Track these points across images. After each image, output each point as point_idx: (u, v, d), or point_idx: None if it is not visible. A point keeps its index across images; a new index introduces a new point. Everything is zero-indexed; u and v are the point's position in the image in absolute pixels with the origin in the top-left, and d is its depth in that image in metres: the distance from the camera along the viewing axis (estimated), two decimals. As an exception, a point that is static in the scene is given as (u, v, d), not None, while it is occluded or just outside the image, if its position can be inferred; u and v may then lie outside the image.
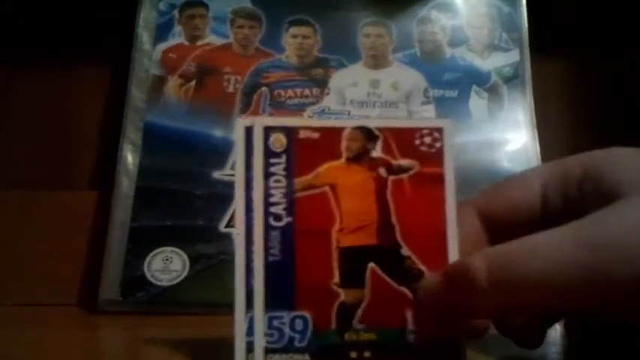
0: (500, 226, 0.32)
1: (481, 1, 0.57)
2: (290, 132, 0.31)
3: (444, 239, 0.31)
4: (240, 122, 0.31)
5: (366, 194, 0.31)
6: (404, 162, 0.31)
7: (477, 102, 0.54)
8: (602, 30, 0.57)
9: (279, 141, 0.31)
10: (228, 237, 0.48)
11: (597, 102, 0.56)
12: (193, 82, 0.54)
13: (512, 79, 0.55)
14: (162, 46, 0.55)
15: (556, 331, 0.36)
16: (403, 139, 0.32)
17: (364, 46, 0.55)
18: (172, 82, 0.54)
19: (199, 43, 0.55)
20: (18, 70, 0.56)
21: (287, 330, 0.29)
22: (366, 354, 0.30)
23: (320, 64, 0.55)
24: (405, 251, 0.31)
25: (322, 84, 0.54)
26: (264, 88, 0.54)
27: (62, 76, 0.57)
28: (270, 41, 0.55)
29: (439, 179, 0.31)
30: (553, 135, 0.54)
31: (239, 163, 0.30)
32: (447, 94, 0.54)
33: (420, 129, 0.32)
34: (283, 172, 0.30)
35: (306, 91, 0.54)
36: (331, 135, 0.31)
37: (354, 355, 0.30)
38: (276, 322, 0.29)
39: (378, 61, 0.55)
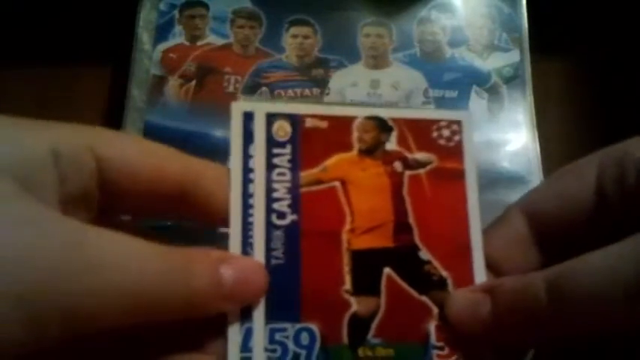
0: (550, 227, 0.25)
1: (481, 1, 0.51)
2: (295, 120, 0.24)
3: (467, 242, 0.25)
4: (238, 106, 0.24)
5: (380, 191, 0.25)
6: (421, 156, 0.25)
7: (477, 102, 0.48)
8: (602, 30, 0.51)
9: (283, 129, 0.24)
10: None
11: (598, 102, 0.50)
12: (193, 82, 0.48)
13: (512, 79, 0.49)
14: (163, 46, 0.49)
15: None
16: (419, 131, 0.25)
17: (364, 46, 0.49)
18: (172, 82, 0.48)
19: (199, 43, 0.49)
20: (17, 70, 0.50)
21: (291, 345, 0.23)
22: None
23: (320, 64, 0.49)
24: (425, 255, 0.24)
25: (322, 84, 0.48)
26: (264, 88, 0.48)
27: (62, 76, 0.50)
28: (270, 41, 0.49)
29: (459, 176, 0.25)
30: (553, 135, 0.48)
31: (235, 152, 0.24)
32: (447, 95, 0.48)
33: (437, 121, 0.26)
34: (287, 165, 0.24)
35: (306, 91, 0.48)
36: (341, 124, 0.25)
37: None
38: (278, 336, 0.23)
39: (378, 61, 0.49)
